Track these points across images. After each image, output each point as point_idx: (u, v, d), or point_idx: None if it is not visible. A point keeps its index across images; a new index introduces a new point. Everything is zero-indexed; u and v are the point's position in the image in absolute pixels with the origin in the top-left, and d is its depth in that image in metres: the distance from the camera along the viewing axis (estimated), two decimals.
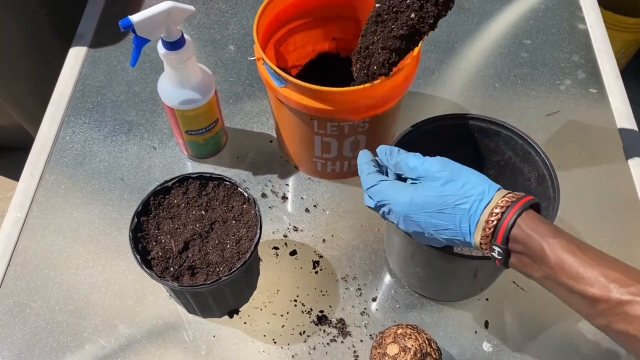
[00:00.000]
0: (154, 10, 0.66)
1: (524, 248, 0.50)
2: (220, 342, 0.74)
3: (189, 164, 0.89)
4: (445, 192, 0.54)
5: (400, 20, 0.64)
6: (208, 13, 1.07)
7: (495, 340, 0.74)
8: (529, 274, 0.52)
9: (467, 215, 0.53)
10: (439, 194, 0.54)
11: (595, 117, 0.94)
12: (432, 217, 0.54)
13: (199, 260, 0.67)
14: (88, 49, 1.01)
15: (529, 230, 0.50)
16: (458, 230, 0.54)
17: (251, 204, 0.70)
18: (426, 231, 0.55)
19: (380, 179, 0.58)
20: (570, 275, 0.48)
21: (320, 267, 0.79)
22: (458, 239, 0.54)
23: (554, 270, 0.49)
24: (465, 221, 0.53)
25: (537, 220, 0.51)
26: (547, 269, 0.49)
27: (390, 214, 0.57)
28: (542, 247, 0.49)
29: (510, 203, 0.51)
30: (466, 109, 0.93)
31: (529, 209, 0.52)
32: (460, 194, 0.53)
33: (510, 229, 0.50)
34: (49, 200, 0.85)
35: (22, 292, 0.77)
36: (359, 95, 0.70)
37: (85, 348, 0.73)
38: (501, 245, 0.51)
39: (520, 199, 0.52)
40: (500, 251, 0.51)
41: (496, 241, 0.51)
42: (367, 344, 0.74)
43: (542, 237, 0.49)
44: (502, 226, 0.51)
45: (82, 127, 0.92)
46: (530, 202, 0.52)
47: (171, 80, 0.76)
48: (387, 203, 0.57)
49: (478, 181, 0.54)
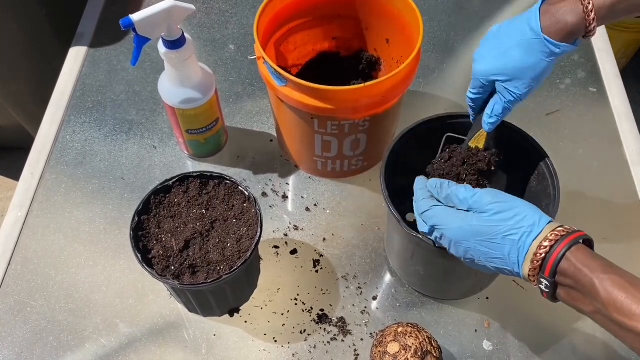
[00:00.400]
0: (154, 9, 0.66)
1: (573, 282, 0.50)
2: (220, 340, 0.74)
3: (190, 163, 0.89)
4: (495, 222, 0.54)
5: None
6: (208, 12, 1.07)
7: (495, 338, 0.74)
8: (578, 307, 0.51)
9: (516, 246, 0.53)
10: (489, 224, 0.54)
11: (595, 117, 0.94)
12: (482, 246, 0.55)
13: (200, 259, 0.67)
14: (88, 49, 1.01)
15: (579, 264, 0.49)
16: (507, 260, 0.54)
17: (252, 202, 0.70)
18: (476, 258, 0.56)
19: (433, 204, 0.59)
20: (622, 312, 0.47)
21: (321, 266, 0.79)
22: (507, 268, 0.54)
23: (605, 306, 0.48)
24: (514, 252, 0.53)
25: (588, 255, 0.50)
26: (598, 305, 0.48)
27: (442, 239, 0.58)
28: (593, 283, 0.48)
29: (560, 237, 0.51)
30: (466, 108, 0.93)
31: (580, 243, 0.51)
32: (511, 224, 0.53)
33: (559, 262, 0.50)
34: (50, 199, 0.85)
35: (22, 291, 0.77)
36: (360, 94, 0.70)
37: (86, 347, 0.73)
38: (549, 278, 0.51)
39: (571, 233, 0.51)
40: (548, 284, 0.51)
41: (544, 274, 0.51)
42: (367, 342, 0.74)
43: (592, 272, 0.49)
44: (551, 259, 0.50)
45: (82, 126, 0.92)
46: (581, 237, 0.51)
47: (172, 79, 0.76)
48: (439, 227, 0.58)
49: (529, 213, 0.54)
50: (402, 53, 0.82)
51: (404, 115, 0.85)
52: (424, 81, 0.98)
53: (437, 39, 1.04)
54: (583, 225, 0.82)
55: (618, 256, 0.51)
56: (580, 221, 0.82)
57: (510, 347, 0.74)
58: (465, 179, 0.67)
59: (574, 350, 0.74)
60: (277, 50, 0.84)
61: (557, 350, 0.74)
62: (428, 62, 1.00)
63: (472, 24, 1.06)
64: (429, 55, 1.02)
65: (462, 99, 0.95)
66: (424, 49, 1.01)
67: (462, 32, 1.05)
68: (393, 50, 0.84)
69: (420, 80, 0.97)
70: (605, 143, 0.91)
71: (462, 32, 1.05)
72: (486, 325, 0.75)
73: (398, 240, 0.71)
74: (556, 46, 0.57)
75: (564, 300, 0.52)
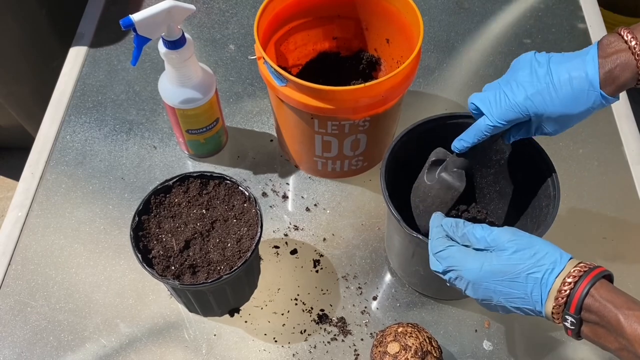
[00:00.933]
0: (154, 9, 0.66)
1: (598, 318, 0.49)
2: (221, 340, 0.74)
3: (190, 163, 0.89)
4: (516, 260, 0.53)
5: None
6: (208, 12, 1.07)
7: (495, 338, 0.74)
8: (603, 345, 0.51)
9: (539, 284, 0.52)
10: (510, 262, 0.53)
11: (595, 116, 0.93)
12: (503, 286, 0.54)
13: (200, 259, 0.67)
14: (88, 49, 1.01)
15: (604, 300, 0.49)
16: (529, 299, 0.53)
17: (252, 202, 0.70)
18: (495, 299, 0.55)
19: (449, 245, 0.58)
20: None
21: (321, 266, 0.79)
22: (528, 308, 0.54)
23: (630, 343, 0.47)
24: (537, 290, 0.52)
25: (612, 291, 0.50)
26: (624, 341, 0.48)
27: (457, 280, 0.57)
28: (618, 319, 0.48)
29: (583, 272, 0.51)
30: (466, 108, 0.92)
31: (601, 279, 0.51)
32: (532, 262, 0.53)
33: (584, 298, 0.50)
34: (50, 199, 0.85)
35: (23, 291, 0.77)
36: (360, 94, 0.70)
37: (86, 347, 0.73)
38: (574, 314, 0.50)
39: (594, 269, 0.51)
40: (574, 321, 0.50)
41: (569, 310, 0.50)
42: (367, 342, 0.74)
43: (617, 309, 0.48)
44: (576, 295, 0.50)
45: (82, 126, 0.92)
46: (603, 272, 0.51)
47: (172, 79, 0.76)
48: (455, 269, 0.56)
49: (549, 250, 0.53)
50: (402, 53, 0.82)
51: (404, 115, 0.85)
52: (424, 81, 0.98)
53: (437, 39, 1.04)
54: (583, 224, 0.83)
55: (618, 256, 0.51)
56: (580, 220, 0.83)
57: (510, 347, 0.74)
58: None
59: (574, 351, 0.74)
60: (278, 50, 0.84)
61: (557, 350, 0.74)
62: (428, 62, 1.00)
63: (472, 24, 1.06)
64: (429, 55, 1.02)
65: (462, 98, 0.96)
66: (424, 49, 1.01)
67: (462, 32, 1.05)
68: (393, 50, 0.84)
69: (420, 80, 0.98)
70: (605, 143, 0.91)
71: (462, 32, 1.05)
72: (486, 325, 0.75)
73: (398, 240, 0.71)
74: (607, 101, 0.56)
75: (588, 337, 0.52)
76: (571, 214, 0.82)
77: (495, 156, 0.73)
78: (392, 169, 0.68)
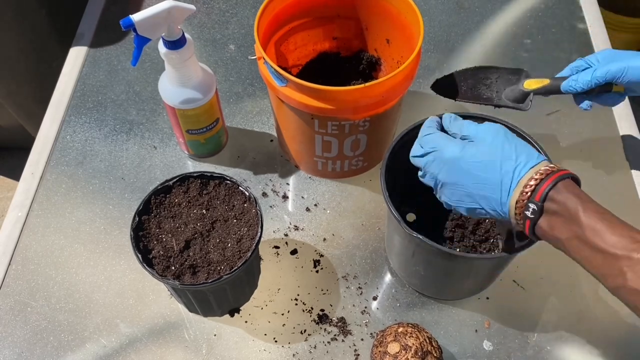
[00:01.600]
0: (154, 9, 0.66)
1: (559, 208, 0.53)
2: (221, 340, 0.74)
3: (190, 163, 0.89)
4: (495, 148, 0.57)
5: None
6: (208, 12, 1.07)
7: (495, 338, 0.74)
8: (555, 236, 0.54)
9: (511, 172, 0.56)
10: (489, 150, 0.57)
11: (595, 117, 0.94)
12: (477, 169, 0.57)
13: (200, 259, 0.67)
14: (88, 49, 1.01)
15: (568, 193, 0.53)
16: (497, 187, 0.56)
17: (252, 203, 0.70)
18: (464, 185, 0.58)
19: (436, 131, 0.62)
20: (598, 235, 0.51)
21: (321, 266, 0.79)
22: (494, 197, 0.57)
23: (582, 229, 0.52)
24: (507, 178, 0.56)
25: (576, 188, 0.54)
26: (577, 228, 0.52)
27: (433, 164, 0.60)
28: (577, 208, 0.52)
29: (552, 171, 0.55)
30: (466, 108, 0.93)
31: (569, 179, 0.55)
32: (509, 154, 0.57)
33: (550, 189, 0.53)
34: (50, 199, 0.85)
35: (23, 291, 0.77)
36: (360, 94, 0.70)
37: (86, 347, 0.73)
38: (538, 202, 0.54)
39: (563, 169, 0.55)
40: (535, 209, 0.54)
41: (534, 199, 0.54)
42: (367, 342, 0.74)
43: (579, 201, 0.53)
44: (543, 186, 0.54)
45: (82, 126, 0.92)
46: (571, 174, 0.55)
47: (172, 79, 0.76)
48: (435, 150, 0.60)
49: (529, 150, 0.57)
50: (403, 53, 0.82)
51: (404, 115, 0.85)
52: (424, 81, 0.98)
53: (437, 39, 1.04)
54: None
55: None
56: None
57: (510, 347, 0.74)
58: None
59: (574, 351, 0.74)
60: (278, 50, 0.84)
61: (557, 350, 0.74)
62: (428, 62, 1.00)
63: (472, 24, 1.06)
64: (429, 55, 1.02)
65: None
66: (424, 49, 1.01)
67: (462, 32, 1.05)
68: (393, 51, 0.84)
69: (420, 81, 0.98)
70: (605, 143, 0.91)
71: (462, 32, 1.05)
72: (486, 325, 0.75)
73: (398, 240, 0.71)
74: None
75: (542, 232, 0.55)
76: None
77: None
78: (392, 169, 0.68)
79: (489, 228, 0.79)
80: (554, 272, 0.78)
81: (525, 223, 0.56)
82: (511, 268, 0.78)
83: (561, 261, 0.59)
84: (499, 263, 0.69)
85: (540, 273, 0.78)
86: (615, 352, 0.73)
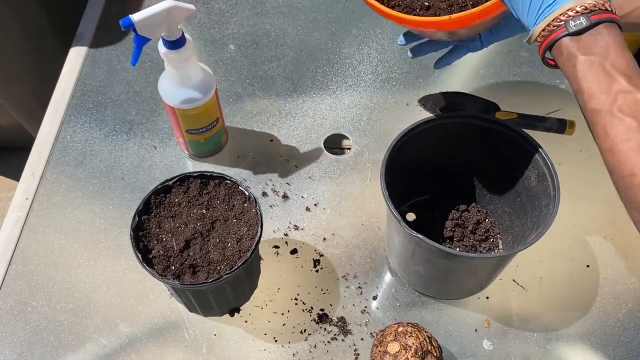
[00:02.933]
0: (154, 9, 0.66)
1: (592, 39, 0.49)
2: (221, 340, 0.74)
3: (190, 163, 0.89)
4: None
5: None
6: (208, 12, 1.07)
7: (495, 338, 0.74)
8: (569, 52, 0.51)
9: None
10: None
11: None
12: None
13: (200, 258, 0.67)
14: (88, 49, 1.01)
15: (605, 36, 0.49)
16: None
17: (252, 202, 0.70)
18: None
19: None
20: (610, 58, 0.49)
21: (321, 265, 0.79)
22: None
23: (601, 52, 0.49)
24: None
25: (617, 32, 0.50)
26: (595, 49, 0.49)
27: None
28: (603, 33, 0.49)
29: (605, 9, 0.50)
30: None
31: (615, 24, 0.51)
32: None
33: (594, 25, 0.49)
34: (50, 199, 0.85)
35: (23, 291, 0.77)
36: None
37: (87, 347, 0.73)
38: (593, 20, 0.49)
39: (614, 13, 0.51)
40: (583, 23, 0.50)
41: (590, 17, 0.49)
42: (367, 342, 0.74)
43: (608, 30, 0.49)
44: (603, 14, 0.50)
45: (82, 126, 0.93)
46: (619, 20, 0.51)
47: (172, 79, 0.76)
48: None
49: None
50: None
51: (404, 115, 0.85)
52: (424, 81, 0.98)
53: None
54: (583, 224, 0.83)
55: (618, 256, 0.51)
56: (580, 220, 0.83)
57: (510, 347, 0.74)
58: None
59: (574, 351, 0.74)
60: None
61: (557, 350, 0.74)
62: (428, 62, 1.00)
63: None
64: (429, 55, 1.01)
65: None
66: None
67: None
68: None
69: (420, 81, 0.98)
70: None
71: None
72: (486, 325, 0.75)
73: (398, 240, 0.71)
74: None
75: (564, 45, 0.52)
76: (571, 214, 0.82)
77: (495, 156, 0.73)
78: (392, 169, 0.68)
79: (489, 228, 0.79)
80: (554, 272, 0.78)
81: (552, 34, 0.52)
82: (511, 268, 0.78)
83: (561, 261, 0.59)
84: (499, 263, 0.69)
85: (540, 273, 0.78)
86: (616, 352, 0.73)
